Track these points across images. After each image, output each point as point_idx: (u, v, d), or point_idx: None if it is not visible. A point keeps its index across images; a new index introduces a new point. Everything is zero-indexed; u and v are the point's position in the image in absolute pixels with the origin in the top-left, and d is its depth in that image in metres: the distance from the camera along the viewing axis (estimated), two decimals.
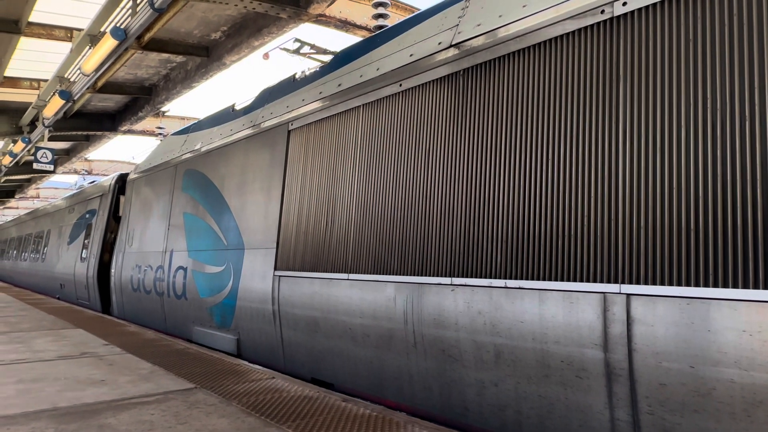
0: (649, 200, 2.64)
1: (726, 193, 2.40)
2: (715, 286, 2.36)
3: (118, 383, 3.86)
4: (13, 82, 12.98)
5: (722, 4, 2.52)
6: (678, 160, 2.57)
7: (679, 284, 2.48)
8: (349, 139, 4.68)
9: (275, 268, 5.25)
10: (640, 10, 2.82)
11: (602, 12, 2.97)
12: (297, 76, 5.88)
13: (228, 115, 7.10)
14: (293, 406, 3.34)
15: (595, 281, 2.78)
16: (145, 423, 2.93)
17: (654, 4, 2.77)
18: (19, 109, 15.02)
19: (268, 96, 6.28)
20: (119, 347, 5.42)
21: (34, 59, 11.79)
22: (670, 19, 2.70)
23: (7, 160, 16.96)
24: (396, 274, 3.92)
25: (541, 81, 3.24)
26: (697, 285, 2.42)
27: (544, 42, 3.26)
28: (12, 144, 16.55)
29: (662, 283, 2.53)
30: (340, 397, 3.61)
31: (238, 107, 6.96)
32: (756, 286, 2.26)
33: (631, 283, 2.64)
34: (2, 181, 22.83)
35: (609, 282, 2.72)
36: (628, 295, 2.63)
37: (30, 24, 9.88)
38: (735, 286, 2.31)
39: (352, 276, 4.30)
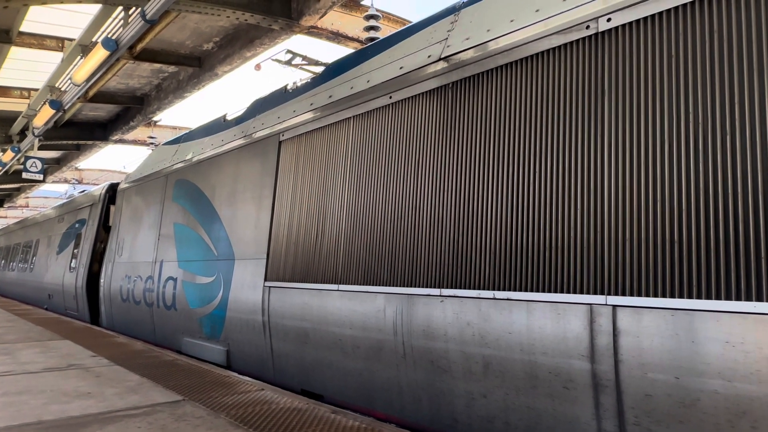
0: (635, 213, 2.68)
1: (709, 205, 2.44)
2: (699, 297, 2.40)
3: (104, 395, 3.82)
4: (4, 91, 12.93)
5: (703, 21, 2.58)
6: (662, 173, 2.62)
7: (664, 296, 2.51)
8: (340, 151, 4.71)
9: (265, 279, 5.23)
10: (624, 26, 2.88)
11: (587, 27, 3.03)
12: (288, 87, 5.91)
13: (219, 125, 7.11)
14: (282, 418, 3.32)
15: (581, 293, 2.80)
16: None
17: (638, 21, 2.83)
18: (8, 118, 14.96)
19: (260, 107, 6.30)
20: (107, 359, 5.37)
21: (25, 68, 11.77)
22: (653, 34, 2.75)
23: None
24: (386, 285, 3.93)
25: (529, 94, 3.29)
26: (681, 296, 2.45)
27: (531, 56, 3.31)
28: (1, 153, 16.44)
29: (647, 295, 2.56)
30: (330, 408, 3.59)
31: (229, 117, 6.97)
32: (738, 298, 2.29)
33: (617, 294, 2.66)
34: None
35: (595, 293, 2.75)
36: (614, 306, 2.66)
37: (21, 34, 9.87)
38: (718, 297, 2.34)
39: (342, 287, 4.30)
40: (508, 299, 3.13)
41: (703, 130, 2.51)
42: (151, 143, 17.73)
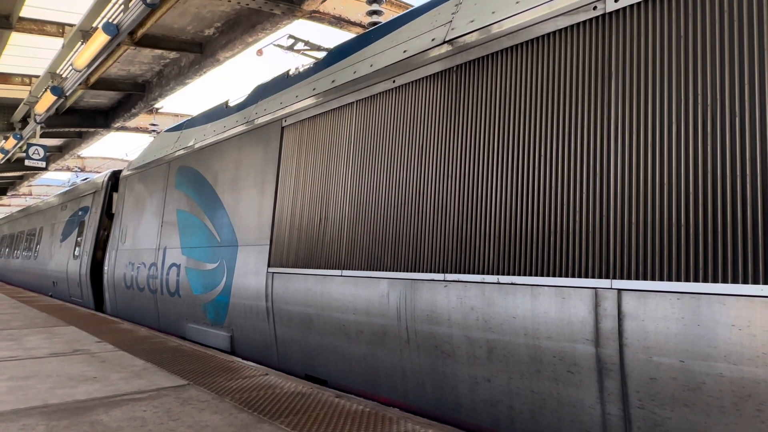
0: (641, 196, 2.65)
1: (716, 188, 2.41)
2: (705, 281, 2.38)
3: (110, 380, 3.84)
4: (5, 78, 12.88)
5: (713, 0, 2.53)
6: (669, 155, 2.59)
7: (669, 279, 2.49)
8: (343, 136, 4.68)
9: (269, 265, 5.24)
10: (632, 6, 2.83)
11: (594, 8, 2.98)
12: (291, 73, 5.86)
13: (221, 111, 7.08)
14: (286, 402, 3.33)
15: (586, 277, 2.79)
16: (137, 419, 2.92)
17: (646, 0, 2.78)
18: (10, 106, 14.92)
19: (262, 92, 6.25)
20: (112, 344, 5.40)
21: (26, 55, 11.70)
22: (662, 14, 2.71)
23: None
24: (389, 270, 3.92)
25: (534, 77, 3.25)
26: (687, 280, 2.44)
27: (537, 38, 3.26)
28: (3, 141, 16.42)
29: (653, 279, 2.54)
30: (334, 393, 3.61)
31: (231, 104, 6.93)
32: (745, 281, 2.28)
33: (622, 278, 2.65)
34: None
35: (600, 277, 2.73)
36: (620, 290, 2.65)
37: (21, 19, 9.80)
38: (725, 281, 2.33)
39: (346, 272, 4.30)
40: (512, 284, 3.12)
41: (711, 112, 2.47)
42: (153, 130, 17.69)
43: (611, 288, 2.68)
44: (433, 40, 3.98)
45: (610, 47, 2.90)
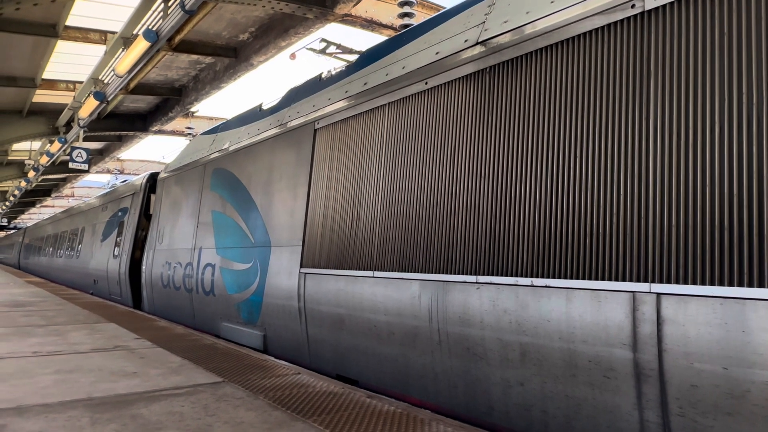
0: (681, 198, 2.58)
1: (762, 190, 2.33)
2: (750, 285, 2.30)
3: (149, 376, 3.96)
4: (51, 84, 13.43)
5: None
6: (711, 156, 2.51)
7: (712, 284, 2.42)
8: (375, 138, 4.70)
9: (301, 266, 5.30)
10: (672, 3, 2.76)
11: (632, 6, 2.92)
12: (323, 76, 5.93)
13: (255, 114, 7.21)
14: (319, 402, 3.37)
15: (624, 280, 2.73)
16: (175, 414, 3.00)
17: None
18: (55, 111, 15.54)
19: (295, 95, 6.35)
20: (150, 341, 5.56)
21: (71, 62, 12.19)
22: (704, 12, 2.63)
23: (44, 160, 17.55)
24: (421, 272, 3.92)
25: (569, 78, 3.20)
26: (731, 284, 2.36)
27: (572, 38, 3.22)
28: (49, 144, 17.12)
29: (694, 283, 2.47)
30: (365, 393, 3.63)
31: (265, 107, 7.05)
32: None
33: (661, 282, 2.58)
34: (39, 180, 23.62)
35: (639, 281, 2.67)
36: (659, 294, 2.58)
37: (67, 28, 10.21)
38: None
39: (378, 273, 4.32)
40: (546, 286, 3.08)
41: (757, 113, 2.39)
42: (189, 134, 18.13)
43: (650, 292, 2.61)
44: (466, 41, 3.97)
45: (648, 46, 2.83)
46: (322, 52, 7.83)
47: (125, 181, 13.86)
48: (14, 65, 11.68)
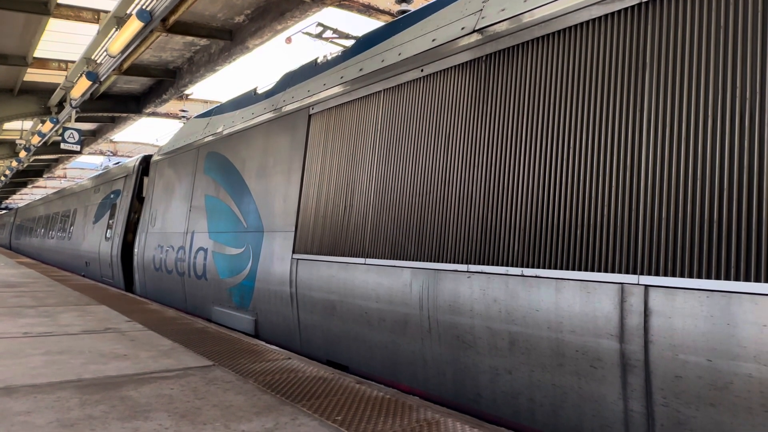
0: (672, 191, 2.60)
1: (752, 185, 2.34)
2: (737, 279, 2.32)
3: (139, 358, 3.97)
4: (42, 63, 13.25)
5: None
6: (703, 150, 2.52)
7: (699, 277, 2.44)
8: (370, 124, 4.68)
9: (293, 251, 5.31)
10: None
11: None
12: (319, 61, 5.88)
13: (250, 98, 7.15)
14: (308, 386, 3.40)
15: (613, 271, 2.75)
16: (164, 397, 3.02)
17: None
18: (47, 90, 15.35)
19: (290, 80, 6.30)
20: (141, 324, 5.57)
21: (63, 40, 12.01)
22: (701, 4, 2.62)
23: (35, 140, 17.38)
24: (413, 260, 3.94)
25: (565, 67, 3.19)
26: (718, 278, 2.38)
27: (569, 28, 3.20)
28: (41, 124, 16.94)
29: (682, 275, 2.50)
30: (355, 379, 3.66)
31: (259, 91, 7.00)
32: None
33: (650, 274, 2.61)
34: (31, 160, 23.41)
35: (627, 273, 2.69)
36: (647, 286, 2.60)
37: (59, 5, 10.04)
38: (757, 279, 2.27)
39: (369, 260, 4.33)
40: (536, 276, 3.10)
41: (750, 107, 2.40)
42: (183, 116, 17.99)
43: (638, 284, 2.64)
44: (462, 29, 3.94)
45: (645, 38, 2.82)
46: (319, 36, 7.76)
47: (118, 163, 13.75)
48: (5, 43, 11.50)
